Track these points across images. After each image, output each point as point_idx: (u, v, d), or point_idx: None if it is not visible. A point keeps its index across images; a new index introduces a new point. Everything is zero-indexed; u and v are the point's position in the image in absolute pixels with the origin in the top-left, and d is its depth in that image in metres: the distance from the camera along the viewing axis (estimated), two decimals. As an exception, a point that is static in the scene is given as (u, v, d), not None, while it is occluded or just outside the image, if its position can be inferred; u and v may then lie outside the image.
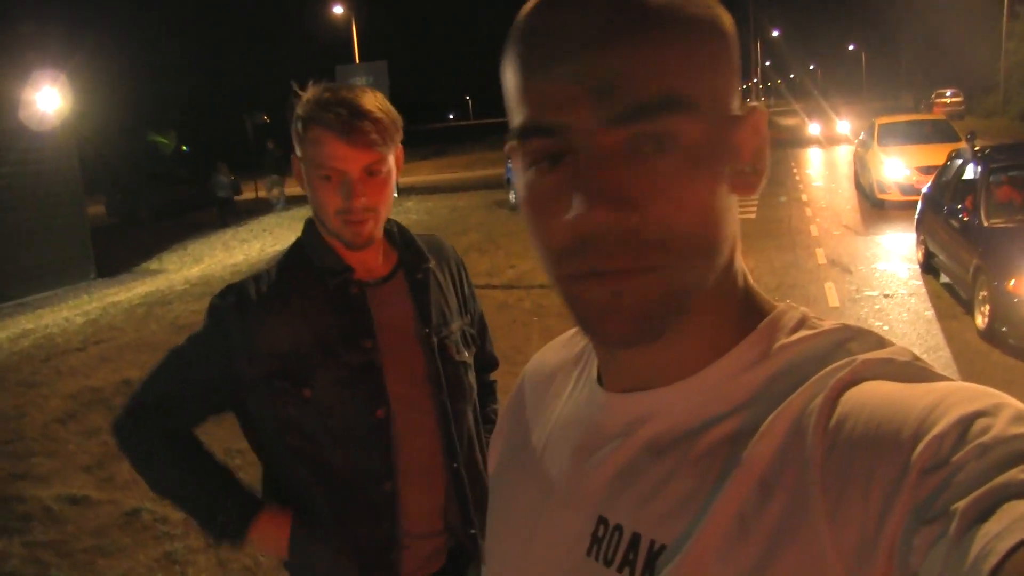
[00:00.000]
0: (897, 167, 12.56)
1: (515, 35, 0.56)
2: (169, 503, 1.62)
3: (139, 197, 22.93)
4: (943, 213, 7.65)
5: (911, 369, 0.52)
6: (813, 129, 29.00)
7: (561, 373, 0.75)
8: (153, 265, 14.33)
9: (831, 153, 24.56)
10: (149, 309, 9.76)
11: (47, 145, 12.74)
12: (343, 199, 1.45)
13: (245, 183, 24.44)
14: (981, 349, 6.03)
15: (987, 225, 6.64)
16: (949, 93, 42.17)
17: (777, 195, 14.77)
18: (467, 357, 1.65)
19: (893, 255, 9.56)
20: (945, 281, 7.75)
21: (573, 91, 0.52)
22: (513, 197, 16.37)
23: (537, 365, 0.80)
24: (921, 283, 8.12)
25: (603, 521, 0.60)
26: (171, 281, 12.02)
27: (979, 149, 8.02)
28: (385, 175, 1.49)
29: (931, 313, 7.10)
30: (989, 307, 6.02)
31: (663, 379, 0.60)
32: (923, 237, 8.40)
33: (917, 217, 8.80)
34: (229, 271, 12.03)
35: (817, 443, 0.49)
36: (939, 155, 10.16)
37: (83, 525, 4.28)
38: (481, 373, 1.80)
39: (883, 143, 13.43)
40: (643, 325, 0.54)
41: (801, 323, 0.59)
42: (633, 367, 0.61)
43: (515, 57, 0.56)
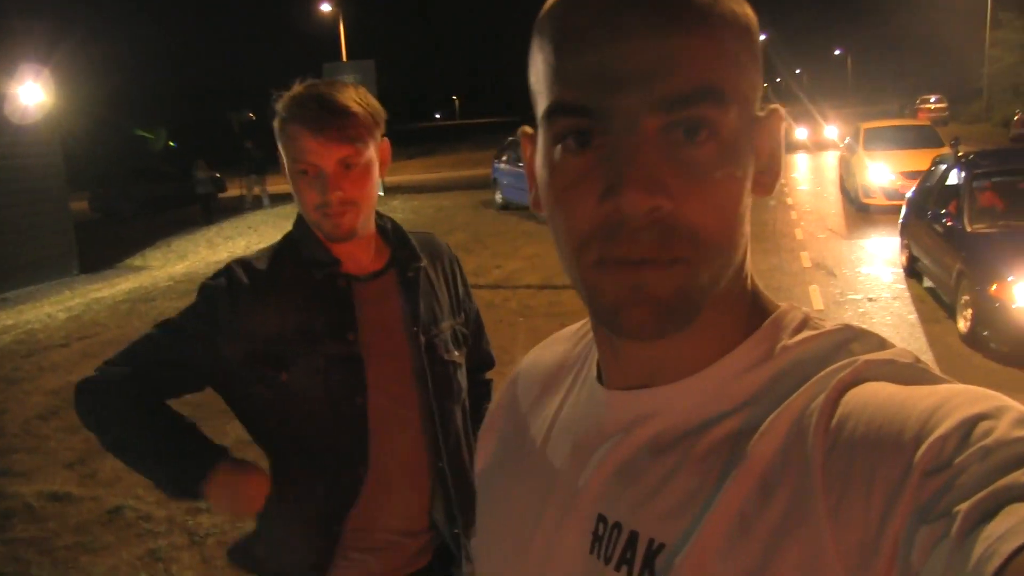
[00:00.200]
0: (882, 172, 12.68)
1: (553, 14, 0.56)
2: (124, 463, 1.53)
3: (123, 193, 22.76)
4: (927, 218, 7.72)
5: (913, 371, 0.52)
6: (800, 134, 28.93)
7: (558, 371, 0.75)
8: (137, 261, 14.22)
9: (818, 158, 24.63)
10: (133, 306, 9.69)
11: (30, 140, 12.61)
12: (319, 193, 1.46)
13: (231, 180, 24.30)
14: (963, 353, 6.09)
15: (970, 230, 6.71)
16: (933, 99, 42.56)
17: (763, 199, 14.84)
18: (457, 357, 1.65)
19: (877, 259, 9.64)
20: (928, 285, 7.82)
21: (619, 73, 0.51)
22: (499, 197, 16.33)
23: (532, 363, 0.80)
24: (905, 287, 8.20)
25: (602, 519, 0.60)
26: (155, 278, 11.93)
27: (963, 155, 8.10)
28: (363, 168, 1.49)
29: (914, 317, 7.16)
30: (971, 311, 6.09)
31: (666, 377, 0.59)
32: (907, 241, 8.48)
33: (901, 222, 8.89)
34: (213, 268, 11.86)
35: (818, 443, 0.50)
36: (924, 160, 10.27)
37: (65, 522, 4.23)
38: (477, 372, 1.80)
39: (868, 148, 13.54)
40: (663, 319, 0.53)
41: (804, 324, 0.60)
42: (637, 364, 0.61)
43: (552, 35, 0.55)
